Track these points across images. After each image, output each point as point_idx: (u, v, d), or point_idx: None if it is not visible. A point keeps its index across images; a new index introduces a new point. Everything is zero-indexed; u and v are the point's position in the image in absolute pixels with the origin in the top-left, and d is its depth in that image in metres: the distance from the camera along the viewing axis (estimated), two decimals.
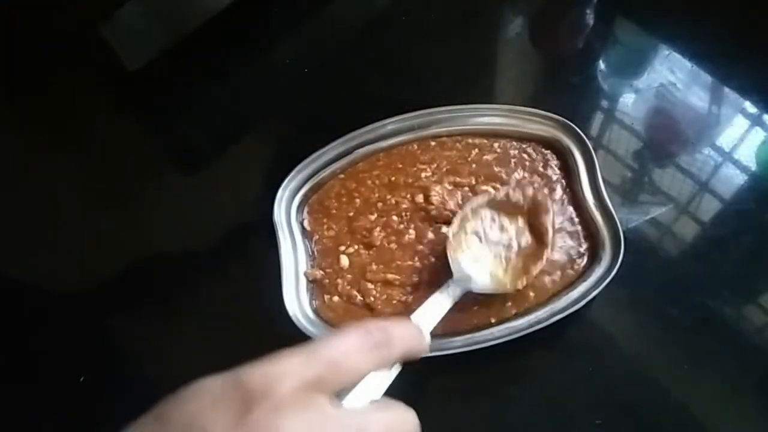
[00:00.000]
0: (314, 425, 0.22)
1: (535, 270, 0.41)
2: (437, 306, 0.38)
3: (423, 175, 0.49)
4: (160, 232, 0.52)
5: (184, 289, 0.49)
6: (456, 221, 0.43)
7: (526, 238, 0.43)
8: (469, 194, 0.47)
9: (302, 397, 0.23)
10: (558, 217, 0.46)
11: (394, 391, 0.42)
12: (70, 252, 0.52)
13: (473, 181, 0.48)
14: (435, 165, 0.49)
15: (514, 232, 0.43)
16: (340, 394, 0.27)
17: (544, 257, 0.41)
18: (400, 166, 0.50)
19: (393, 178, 0.49)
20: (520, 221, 0.43)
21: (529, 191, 0.43)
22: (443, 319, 0.42)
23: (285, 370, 0.23)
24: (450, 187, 0.48)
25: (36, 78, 0.62)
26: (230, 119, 0.59)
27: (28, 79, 0.62)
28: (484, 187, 0.48)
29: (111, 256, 0.51)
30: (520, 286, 0.41)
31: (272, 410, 0.22)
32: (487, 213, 0.43)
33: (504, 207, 0.44)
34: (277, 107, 0.59)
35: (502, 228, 0.43)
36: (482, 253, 0.42)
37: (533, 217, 0.43)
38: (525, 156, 0.49)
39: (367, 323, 0.27)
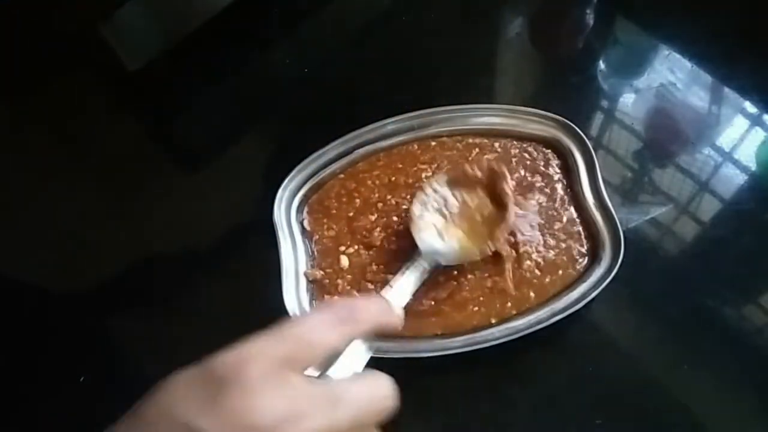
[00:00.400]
0: (286, 400, 0.23)
1: (500, 233, 0.42)
2: (407, 283, 0.39)
3: (424, 175, 0.49)
4: (160, 232, 0.52)
5: (184, 289, 0.49)
6: (417, 203, 0.44)
7: (488, 208, 0.44)
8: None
9: (272, 376, 0.23)
10: (559, 217, 0.46)
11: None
12: (70, 252, 0.52)
13: None
14: (436, 165, 0.49)
15: (476, 205, 0.44)
16: (323, 372, 0.28)
17: (508, 219, 0.42)
18: (401, 166, 0.50)
19: (393, 179, 0.49)
20: (480, 193, 0.45)
21: (484, 163, 0.45)
22: (443, 318, 0.42)
23: (253, 352, 0.24)
24: None
25: (36, 78, 0.62)
26: (230, 119, 0.59)
27: (28, 79, 0.62)
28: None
29: (111, 256, 0.51)
30: (488, 251, 0.42)
31: (243, 392, 0.22)
32: (447, 191, 0.45)
33: (463, 183, 0.45)
34: (277, 107, 0.59)
35: (464, 203, 0.45)
36: (447, 228, 0.43)
37: (492, 186, 0.44)
38: (526, 155, 0.49)
39: (332, 301, 0.28)
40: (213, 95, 0.60)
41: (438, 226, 0.43)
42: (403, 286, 0.39)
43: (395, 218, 0.47)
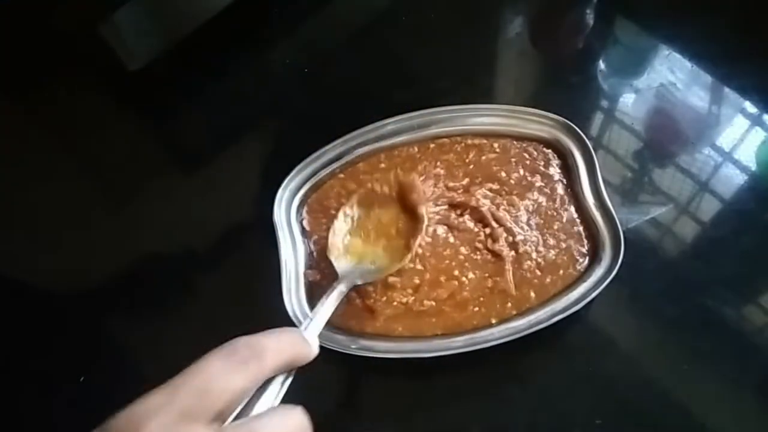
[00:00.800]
0: None
1: (414, 243, 0.42)
2: (326, 310, 0.38)
3: (421, 178, 0.49)
4: (160, 232, 0.52)
5: (184, 289, 0.49)
6: (332, 231, 0.44)
7: (403, 221, 0.45)
8: (469, 195, 0.47)
9: (172, 430, 0.23)
10: (559, 217, 0.46)
11: (394, 389, 0.43)
12: (70, 252, 0.52)
13: (471, 182, 0.48)
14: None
15: (389, 219, 0.45)
16: (243, 413, 0.27)
17: (421, 229, 0.43)
18: (400, 171, 0.49)
19: None
20: (394, 208, 0.45)
21: (391, 178, 0.46)
22: (443, 318, 0.42)
23: (149, 408, 0.23)
24: (450, 193, 0.48)
25: (36, 78, 0.62)
26: (230, 119, 0.59)
27: (28, 79, 0.62)
28: (483, 188, 0.48)
29: (111, 256, 0.51)
30: (403, 263, 0.42)
31: None
32: (360, 212, 0.46)
33: (375, 200, 0.46)
34: (277, 107, 0.59)
35: (378, 220, 0.45)
36: (365, 250, 0.44)
37: (405, 199, 0.45)
38: (526, 155, 0.49)
39: (236, 340, 0.27)
40: (213, 95, 0.60)
41: (357, 250, 0.44)
42: (323, 313, 0.37)
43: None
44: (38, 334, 0.49)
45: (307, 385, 0.44)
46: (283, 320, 0.42)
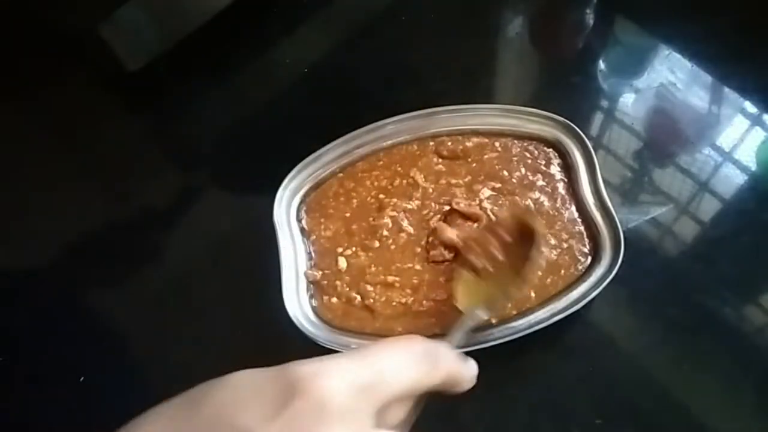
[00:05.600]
0: None
1: (531, 270, 0.38)
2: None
3: (422, 175, 0.49)
4: (159, 232, 0.52)
5: (184, 289, 0.49)
6: (458, 267, 0.41)
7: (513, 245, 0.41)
8: (471, 194, 0.47)
9: (349, 406, 0.21)
10: (560, 216, 0.46)
11: None
12: (70, 252, 0.52)
13: (474, 179, 0.48)
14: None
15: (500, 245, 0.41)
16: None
17: (537, 258, 0.38)
18: (400, 168, 0.50)
19: (391, 180, 0.49)
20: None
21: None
22: (443, 318, 0.42)
23: (335, 369, 0.22)
24: (452, 189, 0.48)
25: (36, 78, 0.62)
26: (230, 119, 0.59)
27: (28, 79, 0.62)
28: (486, 188, 0.47)
29: (111, 255, 0.51)
30: (519, 293, 0.39)
31: (316, 407, 0.20)
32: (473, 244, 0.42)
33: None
34: (277, 107, 0.59)
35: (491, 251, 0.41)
36: (480, 286, 0.40)
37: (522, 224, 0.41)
38: (527, 154, 0.49)
39: (412, 338, 0.26)
40: (213, 95, 0.60)
41: (474, 287, 0.40)
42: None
43: (391, 221, 0.47)
44: (38, 334, 0.49)
45: None
46: (283, 320, 0.42)
